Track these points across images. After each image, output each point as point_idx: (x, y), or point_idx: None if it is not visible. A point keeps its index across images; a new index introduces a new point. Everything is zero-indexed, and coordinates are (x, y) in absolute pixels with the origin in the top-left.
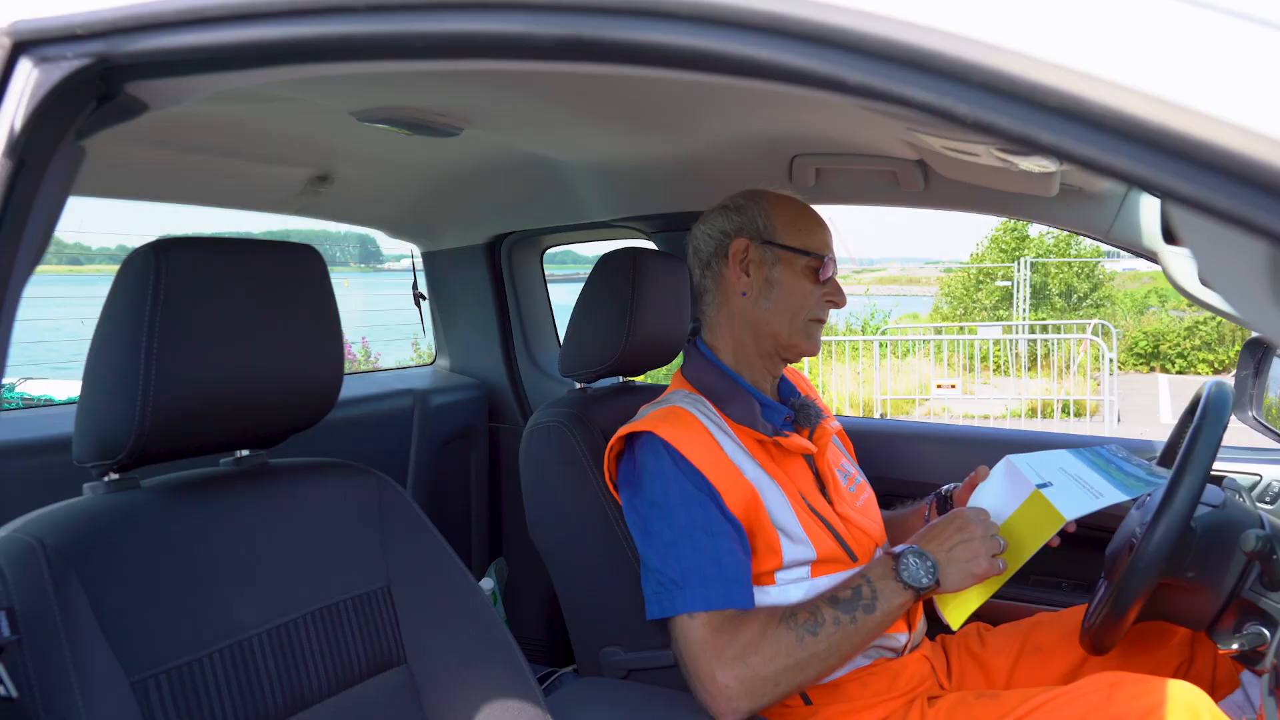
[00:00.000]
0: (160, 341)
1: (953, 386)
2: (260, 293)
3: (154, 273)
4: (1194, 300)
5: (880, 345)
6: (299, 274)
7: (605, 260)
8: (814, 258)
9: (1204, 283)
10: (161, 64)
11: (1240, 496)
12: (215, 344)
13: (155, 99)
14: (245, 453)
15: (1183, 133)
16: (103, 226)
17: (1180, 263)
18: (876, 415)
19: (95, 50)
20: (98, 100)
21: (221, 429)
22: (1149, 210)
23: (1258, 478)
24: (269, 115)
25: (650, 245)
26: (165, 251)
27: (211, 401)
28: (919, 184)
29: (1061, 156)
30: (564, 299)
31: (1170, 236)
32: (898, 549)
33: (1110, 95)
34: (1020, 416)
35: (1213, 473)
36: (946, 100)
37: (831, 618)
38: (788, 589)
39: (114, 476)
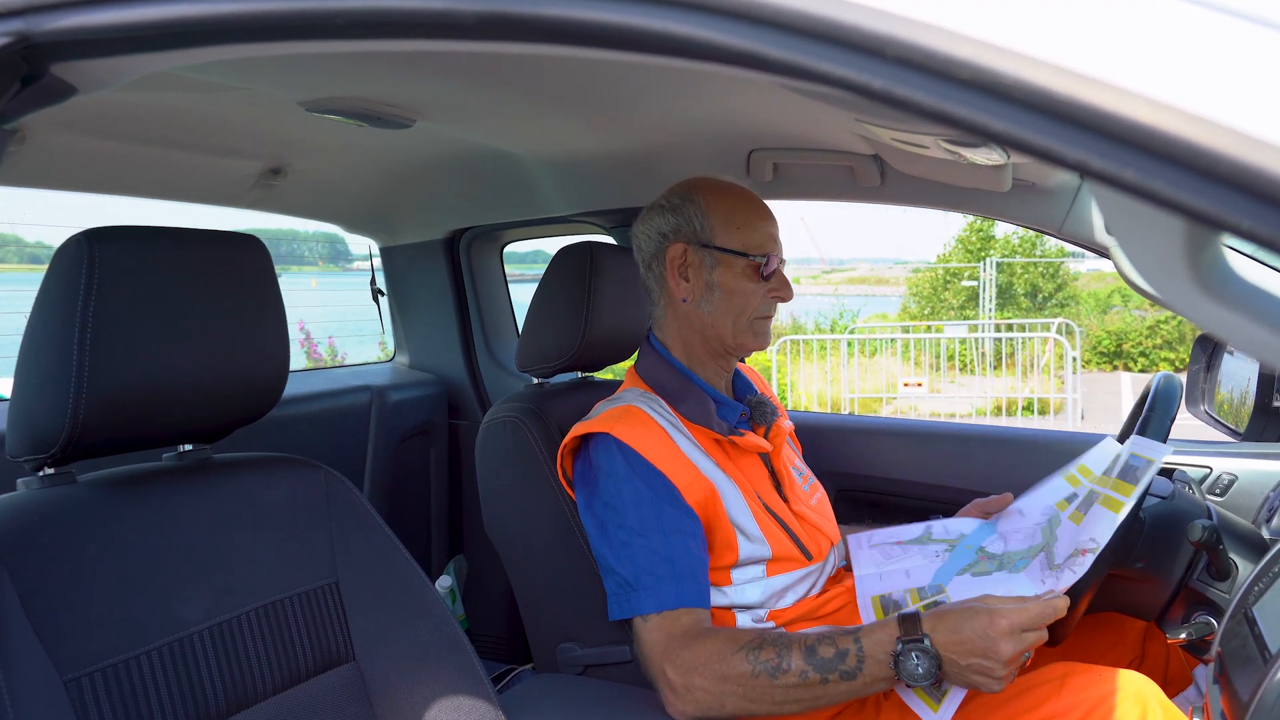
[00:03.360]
0: (94, 332)
1: (919, 385)
2: (200, 283)
3: (86, 262)
4: (1141, 292)
5: (848, 344)
6: (241, 265)
7: (561, 255)
8: (754, 259)
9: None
10: (85, 43)
11: (1189, 489)
12: (152, 335)
13: (83, 81)
14: (188, 447)
15: (1092, 105)
16: (68, 221)
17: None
18: (844, 413)
19: (14, 29)
20: (21, 82)
21: (161, 423)
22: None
23: (1208, 470)
24: (218, 106)
25: (610, 240)
26: (99, 240)
27: (149, 394)
28: (876, 179)
29: (979, 132)
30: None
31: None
32: (902, 641)
33: (1019, 67)
34: (985, 414)
35: (1163, 465)
36: (863, 75)
37: (799, 669)
38: (744, 589)
39: (49, 471)
